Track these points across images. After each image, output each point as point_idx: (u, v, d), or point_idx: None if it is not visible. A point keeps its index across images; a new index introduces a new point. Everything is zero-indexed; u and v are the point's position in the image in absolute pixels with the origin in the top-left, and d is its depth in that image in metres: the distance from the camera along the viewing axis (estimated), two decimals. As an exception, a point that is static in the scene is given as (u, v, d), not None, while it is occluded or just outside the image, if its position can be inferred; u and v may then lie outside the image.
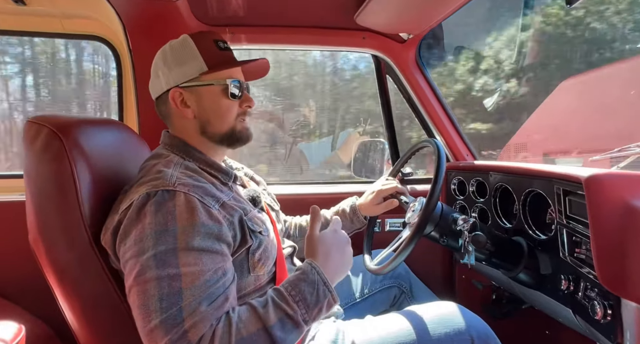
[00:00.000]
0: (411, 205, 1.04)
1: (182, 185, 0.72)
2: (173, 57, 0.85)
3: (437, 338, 0.80)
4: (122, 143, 0.97)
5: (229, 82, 0.85)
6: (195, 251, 0.67)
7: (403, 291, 1.23)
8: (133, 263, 0.68)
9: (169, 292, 0.64)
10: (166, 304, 0.64)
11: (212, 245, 0.70)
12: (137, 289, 0.66)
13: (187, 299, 0.64)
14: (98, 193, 0.80)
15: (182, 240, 0.67)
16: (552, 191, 0.90)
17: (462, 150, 1.56)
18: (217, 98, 0.85)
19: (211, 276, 0.67)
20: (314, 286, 0.71)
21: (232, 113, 0.87)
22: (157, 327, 0.63)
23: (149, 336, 0.64)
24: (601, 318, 0.74)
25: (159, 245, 0.67)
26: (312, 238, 0.81)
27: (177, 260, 0.66)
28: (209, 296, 0.66)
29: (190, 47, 0.85)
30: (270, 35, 1.47)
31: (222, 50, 0.87)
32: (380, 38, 1.48)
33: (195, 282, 0.65)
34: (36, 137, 0.77)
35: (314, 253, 0.79)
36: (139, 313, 0.66)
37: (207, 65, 0.84)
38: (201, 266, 0.67)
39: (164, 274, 0.65)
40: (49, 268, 0.78)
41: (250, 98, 0.90)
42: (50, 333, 1.30)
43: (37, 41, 1.98)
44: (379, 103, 1.63)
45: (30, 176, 0.78)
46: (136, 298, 0.66)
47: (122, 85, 1.49)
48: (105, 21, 1.41)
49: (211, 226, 0.71)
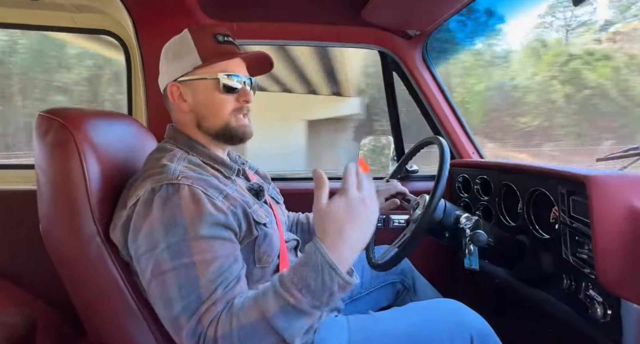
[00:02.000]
0: (415, 201, 1.04)
1: (185, 178, 0.74)
2: (172, 52, 0.86)
3: (437, 334, 0.81)
4: (131, 137, 0.99)
5: (221, 75, 0.84)
6: (205, 239, 0.69)
7: (406, 287, 1.24)
8: (147, 257, 0.70)
9: (186, 281, 0.67)
10: (185, 292, 0.66)
11: (221, 232, 0.72)
12: (156, 282, 0.69)
13: (204, 286, 0.66)
14: (106, 186, 0.82)
15: (192, 230, 0.69)
16: (556, 191, 0.90)
17: (468, 147, 1.55)
18: (211, 92, 0.85)
19: (224, 262, 0.69)
20: (318, 271, 0.63)
21: (226, 108, 0.86)
22: (180, 314, 0.66)
23: (174, 323, 0.67)
24: (601, 317, 0.75)
25: (170, 237, 0.69)
26: (320, 211, 0.67)
27: (189, 249, 0.68)
28: (223, 282, 0.68)
29: (187, 41, 0.85)
30: (277, 30, 1.47)
31: (220, 44, 0.86)
32: (386, 34, 1.48)
33: (209, 269, 0.67)
34: (47, 130, 0.78)
35: (322, 229, 0.66)
36: (161, 303, 0.68)
37: (201, 59, 0.84)
38: (213, 253, 0.69)
39: (179, 264, 0.67)
40: (59, 259, 0.80)
41: (248, 92, 0.87)
42: (61, 320, 1.34)
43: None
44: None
45: (41, 169, 0.80)
46: (156, 290, 0.69)
47: (131, 79, 1.51)
48: (115, 16, 1.43)
49: (218, 216, 0.72)
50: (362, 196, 0.67)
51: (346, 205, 0.66)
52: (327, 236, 0.65)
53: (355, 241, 0.66)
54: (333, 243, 0.65)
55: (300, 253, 1.03)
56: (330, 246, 0.64)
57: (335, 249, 0.64)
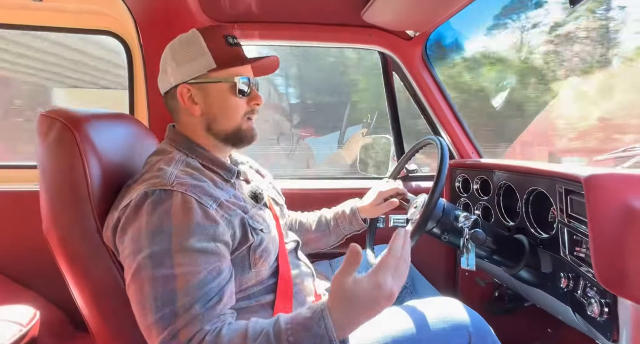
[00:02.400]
0: (414, 201, 1.05)
1: (179, 185, 0.73)
2: (182, 53, 0.85)
3: (435, 333, 0.81)
4: (132, 137, 0.99)
5: (237, 79, 0.84)
6: (189, 252, 0.68)
7: (405, 286, 1.24)
8: (130, 261, 0.70)
9: (163, 292, 0.66)
10: (161, 304, 0.66)
11: (208, 245, 0.71)
12: (134, 288, 0.69)
13: (181, 300, 0.66)
14: (108, 186, 0.82)
15: (177, 241, 0.68)
16: (555, 190, 0.90)
17: (468, 147, 1.56)
18: (225, 95, 0.85)
19: (205, 277, 0.68)
20: (316, 340, 0.63)
21: (239, 111, 0.86)
22: (153, 325, 0.66)
23: (146, 332, 0.67)
24: (598, 315, 0.75)
25: (154, 245, 0.68)
26: (340, 283, 0.65)
27: (171, 260, 0.67)
28: (202, 297, 0.67)
29: (198, 43, 0.84)
30: (278, 31, 1.48)
31: (231, 47, 0.86)
32: (386, 35, 1.49)
33: (189, 283, 0.67)
34: (49, 130, 0.79)
35: (337, 303, 0.65)
36: (136, 310, 0.69)
37: (215, 62, 0.83)
38: (195, 266, 0.68)
39: (158, 274, 0.67)
40: (61, 257, 0.81)
41: (259, 96, 0.89)
42: (63, 318, 1.35)
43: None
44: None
45: (43, 169, 0.81)
46: (133, 295, 0.69)
47: (132, 80, 1.51)
48: (117, 16, 1.44)
49: (207, 227, 0.72)
50: (393, 289, 0.64)
51: (374, 293, 0.63)
52: (338, 311, 0.64)
53: (362, 323, 0.66)
54: (341, 320, 0.64)
55: (299, 253, 1.04)
56: (338, 322, 0.64)
57: (341, 327, 0.64)
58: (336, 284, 0.65)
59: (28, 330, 1.08)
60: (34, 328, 1.11)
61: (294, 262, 0.96)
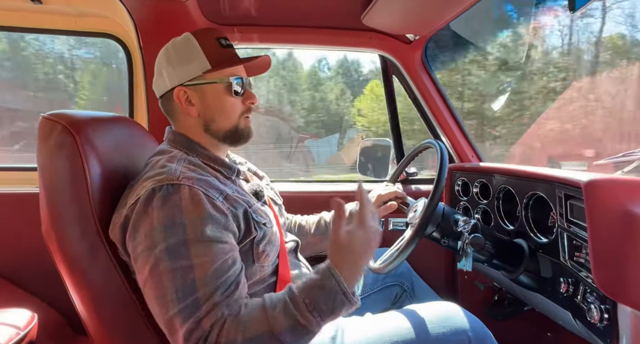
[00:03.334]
0: (414, 205, 1.05)
1: (186, 179, 0.74)
2: (177, 56, 0.86)
3: (435, 337, 0.81)
4: (132, 140, 1.00)
5: (232, 79, 0.86)
6: (204, 242, 0.70)
7: (405, 290, 1.24)
8: (145, 256, 0.70)
9: (183, 283, 0.67)
10: (182, 295, 0.67)
11: (220, 235, 0.72)
12: (153, 282, 0.69)
13: (202, 289, 0.67)
14: (108, 189, 0.82)
15: (191, 232, 0.70)
16: (555, 195, 0.90)
17: (468, 151, 1.56)
18: (221, 96, 0.87)
19: (222, 265, 0.70)
20: (331, 296, 0.68)
21: (236, 110, 0.88)
22: (176, 316, 0.66)
23: (169, 324, 0.68)
24: (598, 321, 0.75)
25: (169, 237, 0.69)
26: (337, 238, 0.73)
27: (188, 251, 0.69)
28: (221, 285, 0.69)
29: (193, 46, 0.86)
30: (277, 34, 1.49)
31: (224, 48, 0.88)
32: (386, 38, 1.49)
33: (207, 272, 0.68)
34: (50, 133, 0.79)
35: (339, 257, 0.72)
36: (156, 305, 0.69)
37: (210, 64, 0.85)
38: (211, 256, 0.69)
39: (177, 266, 0.68)
40: (61, 259, 0.80)
41: (253, 95, 0.91)
42: (62, 320, 1.35)
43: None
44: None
45: (43, 171, 0.81)
46: (152, 290, 0.69)
47: (132, 83, 1.52)
48: (118, 20, 1.44)
49: (217, 217, 0.73)
50: (377, 227, 0.77)
51: (365, 237, 0.74)
52: (343, 263, 0.72)
53: (363, 267, 0.75)
54: (347, 271, 0.71)
55: (299, 254, 1.04)
56: (345, 273, 0.71)
57: (348, 276, 0.71)
58: (334, 241, 0.74)
59: (26, 334, 1.08)
60: (32, 331, 1.10)
61: (293, 262, 0.97)
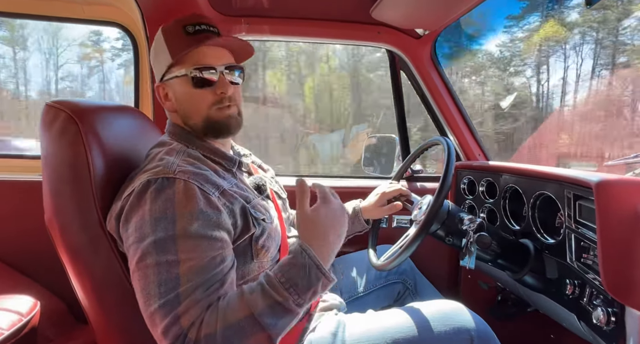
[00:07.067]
0: (418, 202, 1.04)
1: (182, 172, 0.73)
2: (154, 53, 0.88)
3: (437, 335, 0.80)
4: (136, 130, 0.99)
5: (190, 71, 0.82)
6: (193, 238, 0.69)
7: (407, 287, 1.24)
8: (134, 248, 0.70)
9: (167, 278, 0.66)
10: (164, 290, 0.66)
11: (211, 231, 0.71)
12: (139, 274, 0.69)
13: (184, 285, 0.66)
14: (111, 178, 0.82)
15: (181, 227, 0.69)
16: (563, 195, 0.89)
17: (475, 149, 1.54)
18: (186, 89, 0.84)
19: (208, 263, 0.69)
20: (305, 271, 0.69)
21: (204, 103, 0.84)
22: (157, 311, 0.66)
23: (150, 319, 0.67)
24: (604, 324, 0.74)
25: (158, 231, 0.68)
26: (303, 216, 0.75)
27: (175, 246, 0.68)
28: (205, 282, 0.67)
29: (160, 41, 0.85)
30: (285, 26, 1.47)
31: (189, 35, 0.82)
32: (395, 33, 1.47)
33: (192, 269, 0.67)
34: (54, 121, 0.79)
35: (308, 233, 0.74)
36: (140, 297, 0.69)
37: (172, 57, 0.83)
38: (199, 252, 0.68)
39: (162, 260, 0.67)
40: (63, 248, 0.81)
41: (224, 84, 0.83)
42: (64, 308, 1.36)
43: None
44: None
45: (46, 159, 0.81)
46: (138, 283, 0.69)
47: (138, 72, 1.51)
48: (125, 9, 1.43)
49: (210, 214, 0.72)
50: (340, 204, 0.79)
51: (329, 212, 0.76)
52: (312, 239, 0.73)
53: (335, 244, 0.75)
54: (318, 246, 0.72)
55: None
56: (316, 248, 0.71)
57: (320, 251, 0.72)
58: (300, 218, 0.75)
59: (28, 320, 1.08)
60: (34, 318, 1.11)
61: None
